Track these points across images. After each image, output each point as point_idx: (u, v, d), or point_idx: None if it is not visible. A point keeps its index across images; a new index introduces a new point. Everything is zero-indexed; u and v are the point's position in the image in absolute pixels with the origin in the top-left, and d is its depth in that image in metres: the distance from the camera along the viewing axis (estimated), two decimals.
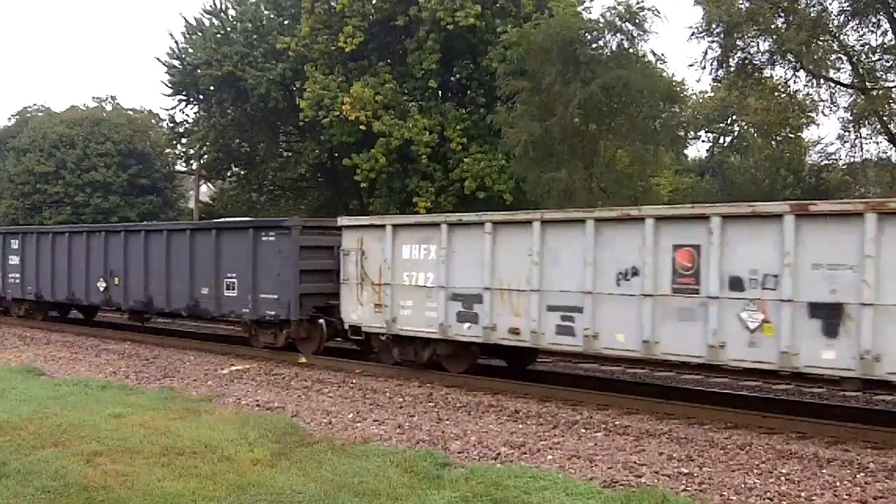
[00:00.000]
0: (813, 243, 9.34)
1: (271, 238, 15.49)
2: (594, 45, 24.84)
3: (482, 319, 12.24)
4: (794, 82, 26.09)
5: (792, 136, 32.97)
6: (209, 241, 16.64)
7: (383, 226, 13.68)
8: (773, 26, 23.56)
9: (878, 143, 26.45)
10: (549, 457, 8.62)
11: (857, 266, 9.01)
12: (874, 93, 24.04)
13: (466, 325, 12.49)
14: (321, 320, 15.13)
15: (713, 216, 10.08)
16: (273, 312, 15.46)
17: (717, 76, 25.86)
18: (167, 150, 41.66)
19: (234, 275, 16.13)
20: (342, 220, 14.57)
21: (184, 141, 36.67)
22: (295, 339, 15.60)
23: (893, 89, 24.47)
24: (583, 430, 9.84)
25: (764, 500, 7.20)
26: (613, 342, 11.00)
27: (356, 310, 14.03)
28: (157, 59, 34.95)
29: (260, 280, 15.59)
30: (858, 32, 24.55)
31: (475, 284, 12.33)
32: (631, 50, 24.82)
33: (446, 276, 12.68)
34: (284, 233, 15.29)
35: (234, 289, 16.18)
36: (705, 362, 10.46)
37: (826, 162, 32.61)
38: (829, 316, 9.22)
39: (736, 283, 9.84)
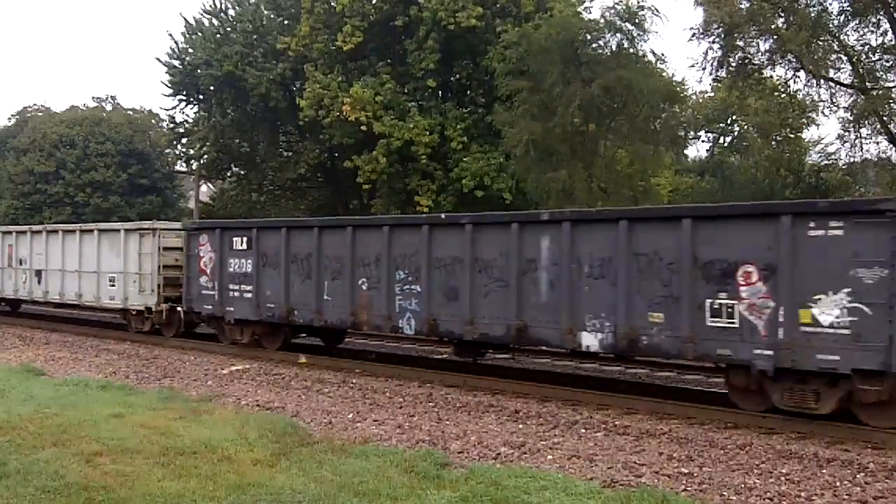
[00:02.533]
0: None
1: None
2: (594, 45, 24.83)
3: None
4: (794, 82, 25.92)
5: (792, 136, 32.81)
6: None
7: None
8: (773, 26, 23.49)
9: (878, 143, 26.29)
10: (549, 457, 8.62)
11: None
12: (874, 93, 23.93)
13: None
14: None
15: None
16: None
17: (717, 76, 25.78)
18: (167, 150, 41.60)
19: None
20: None
21: (184, 141, 36.65)
22: None
23: (893, 89, 24.37)
24: (583, 430, 9.84)
25: (764, 500, 7.20)
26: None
27: None
28: (157, 59, 35.07)
29: None
30: (858, 32, 24.46)
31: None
32: (631, 50, 24.80)
33: None
34: None
35: None
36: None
37: (826, 162, 32.53)
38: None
39: (20, 261, 20.43)
